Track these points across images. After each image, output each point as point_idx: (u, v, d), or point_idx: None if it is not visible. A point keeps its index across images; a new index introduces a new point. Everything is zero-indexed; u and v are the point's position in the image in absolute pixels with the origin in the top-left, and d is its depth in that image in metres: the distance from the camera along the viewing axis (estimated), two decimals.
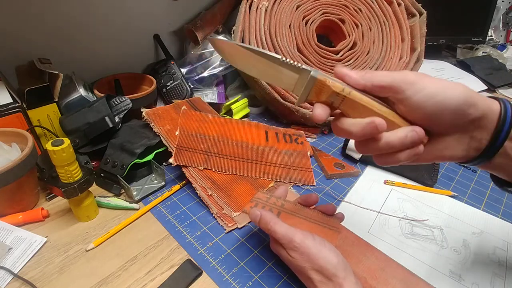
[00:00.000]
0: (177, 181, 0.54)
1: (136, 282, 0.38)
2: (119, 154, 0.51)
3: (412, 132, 0.27)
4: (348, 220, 0.48)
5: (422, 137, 0.28)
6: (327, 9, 0.72)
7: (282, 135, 0.64)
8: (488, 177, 0.60)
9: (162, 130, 0.54)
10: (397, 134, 0.28)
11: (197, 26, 0.73)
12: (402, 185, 0.56)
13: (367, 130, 0.28)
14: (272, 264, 0.41)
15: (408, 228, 0.48)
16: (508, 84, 1.02)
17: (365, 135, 0.28)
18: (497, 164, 0.29)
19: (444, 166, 0.63)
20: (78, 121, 0.53)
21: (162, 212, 0.48)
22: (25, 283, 0.37)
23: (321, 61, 0.69)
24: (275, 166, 0.57)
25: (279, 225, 0.36)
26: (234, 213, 0.47)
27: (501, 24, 1.34)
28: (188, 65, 0.77)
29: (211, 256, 0.42)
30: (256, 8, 0.69)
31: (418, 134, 0.27)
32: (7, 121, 0.48)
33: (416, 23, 0.75)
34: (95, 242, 0.42)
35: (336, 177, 0.58)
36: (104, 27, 0.67)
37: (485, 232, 0.48)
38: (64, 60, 0.61)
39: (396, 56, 0.74)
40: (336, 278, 0.32)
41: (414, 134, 0.27)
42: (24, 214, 0.45)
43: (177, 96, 0.72)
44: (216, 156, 0.53)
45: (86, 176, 0.43)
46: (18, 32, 0.57)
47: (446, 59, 1.18)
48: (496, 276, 0.41)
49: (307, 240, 0.34)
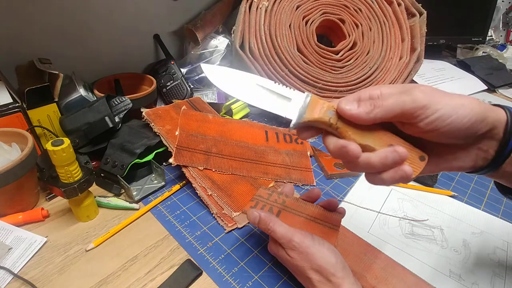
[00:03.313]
0: (177, 181, 0.54)
1: (136, 282, 0.38)
2: (119, 154, 0.51)
3: (393, 153, 0.27)
4: (348, 220, 0.48)
5: (404, 157, 0.27)
6: (327, 9, 0.72)
7: (282, 135, 0.64)
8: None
9: (162, 130, 0.54)
10: (378, 154, 0.27)
11: (197, 26, 0.74)
12: (402, 185, 0.56)
13: (339, 153, 0.28)
14: (272, 264, 0.41)
15: (408, 228, 0.48)
16: (508, 84, 1.02)
17: (339, 157, 0.28)
18: (505, 172, 0.29)
19: None
20: (78, 121, 0.53)
21: (162, 212, 0.48)
22: (25, 283, 0.37)
23: (321, 61, 0.69)
24: (275, 166, 0.57)
25: (279, 225, 0.36)
26: (234, 213, 0.47)
27: (501, 24, 1.35)
28: (188, 65, 0.77)
29: (211, 256, 0.42)
30: (256, 8, 0.69)
31: (399, 154, 0.27)
32: (7, 121, 0.48)
33: (416, 23, 0.75)
34: (95, 242, 0.42)
35: (336, 177, 0.58)
36: (104, 27, 0.67)
37: (485, 232, 0.48)
38: (64, 60, 0.61)
39: (396, 56, 0.74)
40: (334, 278, 0.32)
41: (395, 155, 0.27)
42: (24, 214, 0.45)
43: (177, 96, 0.72)
44: (216, 156, 0.53)
45: (86, 176, 0.43)
46: (18, 32, 0.57)
47: (446, 59, 1.18)
48: (496, 276, 0.41)
49: (306, 240, 0.34)
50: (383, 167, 0.27)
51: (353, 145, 0.27)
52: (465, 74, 1.05)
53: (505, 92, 0.99)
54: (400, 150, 0.27)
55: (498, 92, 0.99)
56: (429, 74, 1.02)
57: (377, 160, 0.27)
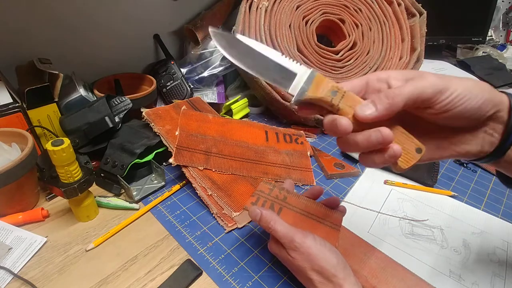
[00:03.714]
0: (177, 181, 0.54)
1: (136, 282, 0.38)
2: (119, 154, 0.51)
3: (376, 131, 0.27)
4: (348, 220, 0.48)
5: (388, 138, 0.27)
6: (327, 9, 0.72)
7: (282, 135, 0.64)
8: (488, 177, 0.60)
9: (162, 130, 0.54)
10: (363, 133, 0.28)
11: (197, 26, 0.74)
12: (402, 185, 0.56)
13: (330, 127, 0.28)
14: (272, 264, 0.41)
15: (408, 228, 0.48)
16: (508, 84, 1.01)
17: (330, 131, 0.29)
18: (510, 160, 0.30)
19: (444, 166, 0.63)
20: (78, 121, 0.53)
21: (162, 212, 0.48)
22: (25, 283, 0.37)
23: (321, 61, 0.69)
24: (275, 166, 0.57)
25: (280, 224, 0.36)
26: (234, 213, 0.47)
27: (501, 24, 1.34)
28: (188, 65, 0.77)
29: (211, 256, 0.42)
30: (256, 8, 0.69)
31: (382, 135, 0.27)
32: (7, 121, 0.48)
33: (416, 23, 0.75)
34: (95, 242, 0.42)
35: (336, 177, 0.58)
36: (104, 27, 0.67)
37: (485, 232, 0.48)
38: (64, 60, 0.61)
39: (396, 56, 0.74)
40: (335, 278, 0.32)
41: (377, 134, 0.27)
42: (24, 214, 0.45)
43: (177, 96, 0.72)
44: (216, 156, 0.53)
45: (86, 176, 0.43)
46: (18, 32, 0.57)
47: (446, 59, 1.18)
48: (496, 276, 0.41)
49: (308, 240, 0.34)
50: (368, 145, 0.28)
51: (344, 119, 0.27)
52: (465, 74, 1.05)
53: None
54: (384, 131, 0.27)
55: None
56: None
57: (362, 139, 0.27)
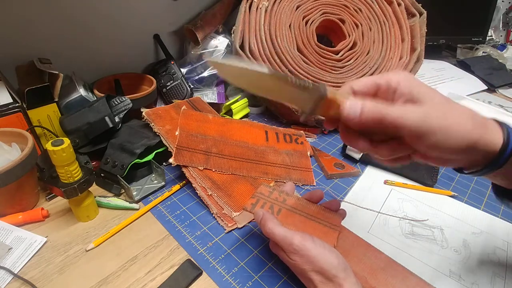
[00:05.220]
0: (177, 181, 0.54)
1: (136, 282, 0.38)
2: (119, 154, 0.51)
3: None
4: (348, 220, 0.48)
5: (356, 112, 0.27)
6: (327, 9, 0.72)
7: (282, 135, 0.64)
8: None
9: (162, 130, 0.54)
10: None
11: (197, 26, 0.73)
12: (402, 185, 0.56)
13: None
14: (272, 264, 0.41)
15: (408, 228, 0.48)
16: (508, 84, 1.01)
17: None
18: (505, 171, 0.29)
19: None
20: (78, 121, 0.53)
21: (162, 212, 0.48)
22: (25, 283, 0.37)
23: (321, 61, 0.69)
24: (275, 166, 0.57)
25: (278, 227, 0.36)
26: (234, 213, 0.47)
27: (501, 24, 1.34)
28: (188, 65, 0.77)
29: (211, 256, 0.42)
30: (256, 8, 0.69)
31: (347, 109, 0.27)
32: (7, 121, 0.48)
33: (416, 23, 0.75)
34: (95, 242, 0.42)
35: (336, 177, 0.58)
36: (104, 27, 0.67)
37: (485, 232, 0.48)
38: (64, 60, 0.61)
39: (396, 56, 0.74)
40: (336, 278, 0.32)
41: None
42: (24, 214, 0.45)
43: (177, 96, 0.72)
44: (216, 156, 0.53)
45: (86, 176, 0.43)
46: (18, 32, 0.57)
47: (446, 59, 1.18)
48: (496, 276, 0.41)
49: (307, 243, 0.34)
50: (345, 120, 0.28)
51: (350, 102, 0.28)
52: (465, 74, 1.05)
53: (505, 92, 0.99)
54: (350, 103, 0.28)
55: (498, 92, 0.99)
56: (429, 74, 1.02)
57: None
